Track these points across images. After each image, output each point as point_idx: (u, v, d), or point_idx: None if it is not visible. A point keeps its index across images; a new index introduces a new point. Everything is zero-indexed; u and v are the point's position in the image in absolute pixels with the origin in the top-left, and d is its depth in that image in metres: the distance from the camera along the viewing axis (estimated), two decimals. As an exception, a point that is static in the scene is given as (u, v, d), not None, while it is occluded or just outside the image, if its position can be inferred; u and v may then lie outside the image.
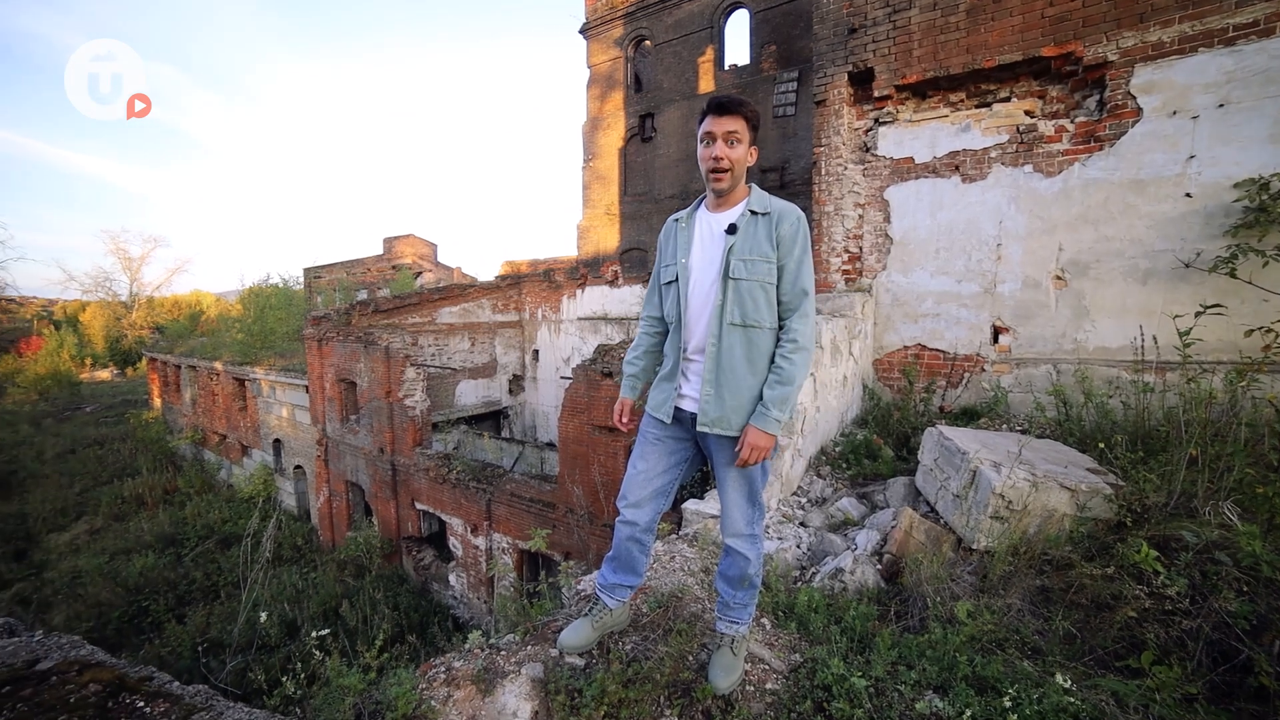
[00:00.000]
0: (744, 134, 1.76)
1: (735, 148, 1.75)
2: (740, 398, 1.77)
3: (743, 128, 1.75)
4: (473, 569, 11.18)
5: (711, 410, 1.78)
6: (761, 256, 1.75)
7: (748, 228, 1.77)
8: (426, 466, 11.20)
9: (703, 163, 1.80)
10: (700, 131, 1.79)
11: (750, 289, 1.75)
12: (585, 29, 15.97)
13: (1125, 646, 2.09)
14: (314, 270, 24.91)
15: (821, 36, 5.58)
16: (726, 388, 1.77)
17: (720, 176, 1.77)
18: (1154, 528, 2.52)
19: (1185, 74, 4.35)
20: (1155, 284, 4.47)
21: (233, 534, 14.20)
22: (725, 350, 1.77)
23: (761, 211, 1.78)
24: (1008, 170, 4.88)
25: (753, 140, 1.79)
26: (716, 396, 1.77)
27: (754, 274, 1.74)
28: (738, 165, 1.77)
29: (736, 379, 1.77)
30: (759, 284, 1.75)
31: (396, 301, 13.29)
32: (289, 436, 14.94)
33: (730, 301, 1.76)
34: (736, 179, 1.79)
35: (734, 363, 1.76)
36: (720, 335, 1.77)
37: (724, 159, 1.75)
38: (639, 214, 16.07)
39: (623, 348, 10.24)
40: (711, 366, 1.78)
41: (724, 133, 1.74)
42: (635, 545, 1.96)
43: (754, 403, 1.78)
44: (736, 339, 1.76)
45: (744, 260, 1.75)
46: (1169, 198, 4.42)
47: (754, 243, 1.76)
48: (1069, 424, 3.85)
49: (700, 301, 1.82)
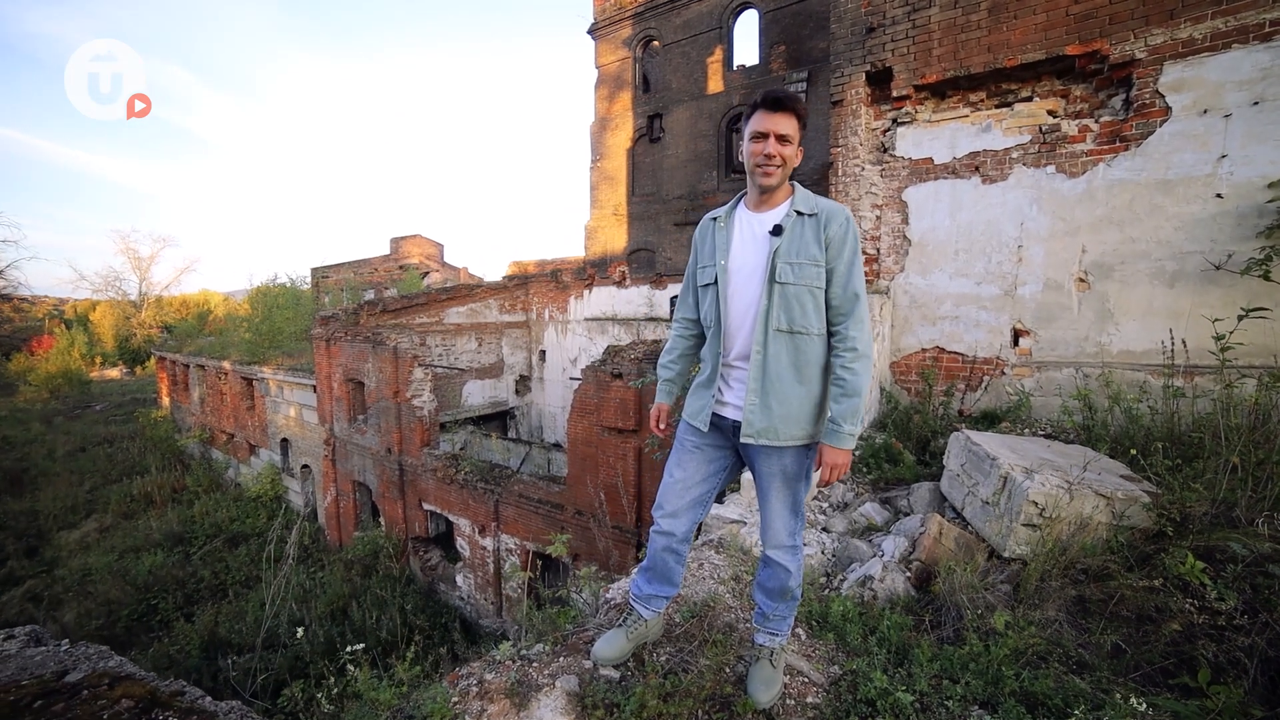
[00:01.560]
0: (795, 133, 1.70)
1: (786, 146, 1.70)
2: (787, 407, 1.70)
3: (794, 127, 1.69)
4: (480, 570, 11.15)
5: (757, 421, 1.71)
6: (809, 260, 1.68)
7: (794, 229, 1.70)
8: (434, 467, 11.19)
9: (750, 158, 1.73)
10: (750, 128, 1.72)
11: (798, 293, 1.68)
12: (594, 29, 15.94)
13: (1175, 663, 2.02)
14: (321, 270, 25.00)
15: (839, 36, 5.52)
16: (773, 396, 1.70)
17: (770, 171, 1.70)
18: (1197, 538, 2.45)
19: (1218, 71, 4.26)
20: (1183, 286, 4.39)
21: (240, 533, 14.23)
22: (771, 358, 1.70)
23: (808, 212, 1.71)
24: (1029, 171, 4.81)
25: (801, 140, 1.73)
26: (762, 406, 1.71)
27: (802, 278, 1.67)
28: (788, 162, 1.71)
29: (783, 388, 1.70)
30: (807, 288, 1.68)
31: (404, 301, 13.29)
32: (296, 436, 14.96)
33: (776, 307, 1.69)
34: (784, 176, 1.73)
35: (780, 371, 1.70)
36: (766, 342, 1.70)
37: (776, 156, 1.69)
38: (647, 214, 16.02)
39: (632, 349, 10.20)
40: (757, 375, 1.71)
41: (778, 133, 1.68)
42: (671, 555, 1.90)
43: (802, 412, 1.71)
44: (783, 346, 1.70)
45: (791, 264, 1.68)
46: (1198, 198, 4.34)
47: (801, 245, 1.69)
48: (1096, 429, 3.77)
49: (742, 306, 1.75)
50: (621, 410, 9.69)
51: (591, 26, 16.04)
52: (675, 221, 15.38)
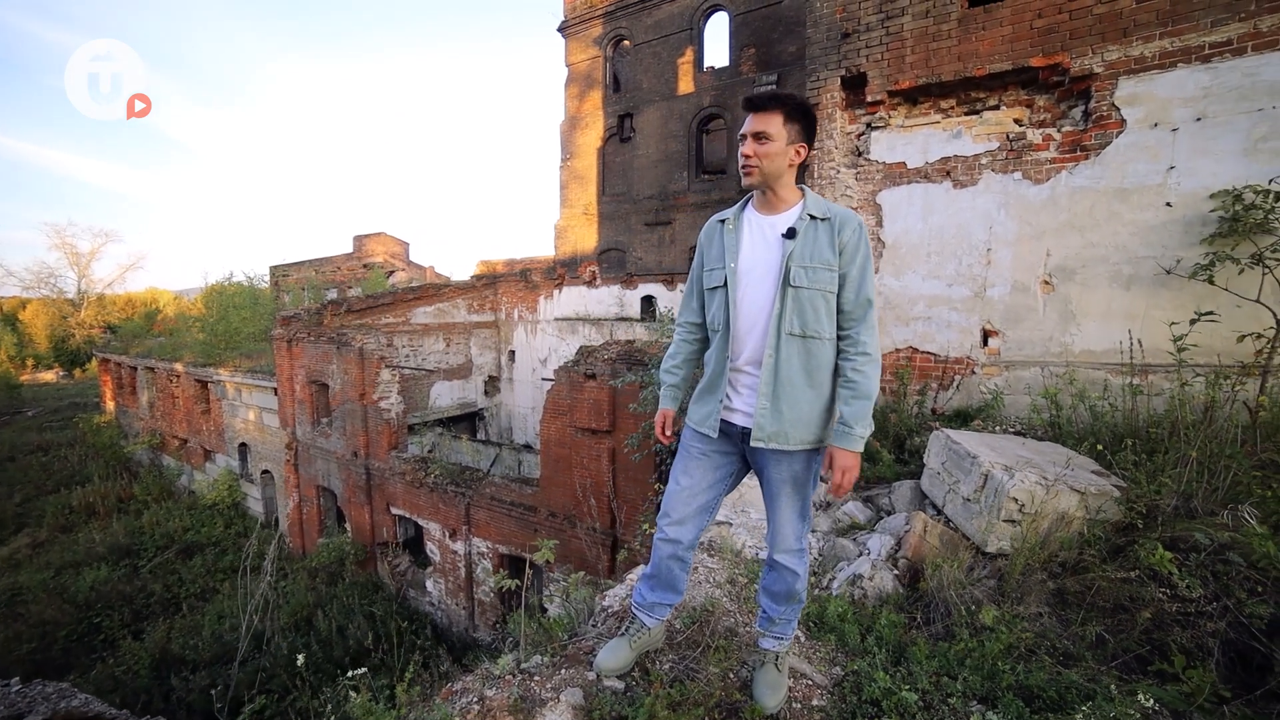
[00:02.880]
0: (779, 131, 1.69)
1: (765, 144, 1.69)
2: (798, 411, 1.71)
3: (778, 125, 1.68)
4: (451, 575, 10.94)
5: (768, 425, 1.71)
6: (823, 264, 1.68)
7: (808, 233, 1.70)
8: (403, 470, 10.92)
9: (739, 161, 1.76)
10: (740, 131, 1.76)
11: (811, 298, 1.68)
12: (564, 27, 15.80)
13: (1150, 650, 2.12)
14: (281, 268, 24.10)
15: (815, 40, 5.61)
16: (784, 401, 1.70)
17: (748, 170, 1.73)
18: (1164, 529, 2.58)
19: (1166, 88, 4.50)
20: (1138, 289, 4.62)
21: (195, 542, 13.57)
22: (783, 362, 1.70)
23: (821, 216, 1.72)
24: (998, 177, 4.98)
25: (797, 135, 1.72)
26: (773, 410, 1.71)
27: (815, 282, 1.68)
28: (765, 161, 1.70)
29: (795, 392, 1.70)
30: (820, 293, 1.68)
31: (370, 301, 12.94)
32: (256, 440, 14.39)
33: (789, 310, 1.69)
34: (766, 175, 1.72)
35: (792, 375, 1.70)
36: (778, 346, 1.69)
37: (751, 155, 1.70)
38: (617, 214, 15.97)
39: (605, 349, 10.16)
40: (769, 379, 1.70)
41: (753, 133, 1.70)
42: (677, 563, 1.88)
43: (812, 416, 1.72)
44: (795, 350, 1.70)
45: (805, 267, 1.68)
46: (1151, 206, 4.57)
47: (815, 249, 1.69)
48: (1064, 426, 3.93)
49: (753, 309, 1.74)
50: (595, 411, 9.65)
51: (562, 24, 15.88)
52: (646, 222, 15.37)
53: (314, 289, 20.61)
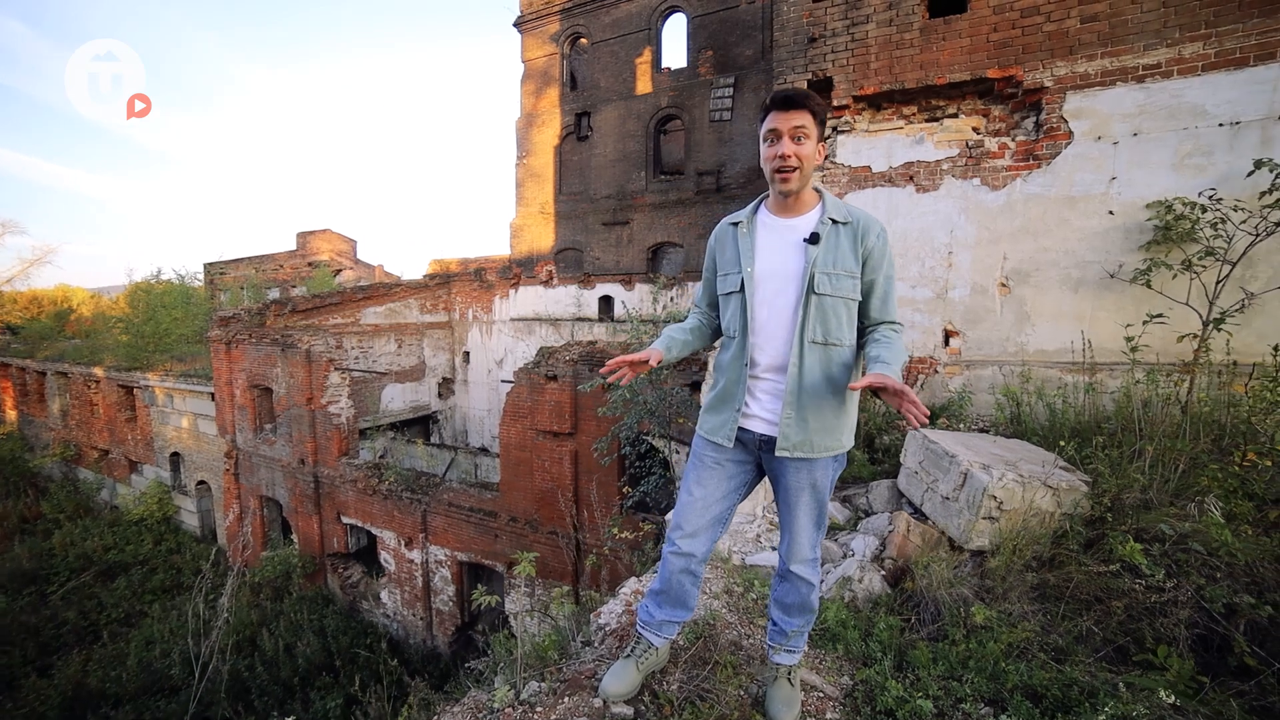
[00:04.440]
0: (811, 129, 1.63)
1: (803, 144, 1.62)
2: (823, 419, 1.66)
3: (810, 122, 1.62)
4: (408, 584, 10.55)
5: (793, 434, 1.66)
6: (846, 271, 1.63)
7: (830, 238, 1.65)
8: (354, 477, 10.44)
9: (767, 162, 1.66)
10: (764, 129, 1.66)
11: (834, 305, 1.63)
12: (520, 22, 15.50)
13: (1129, 640, 2.20)
14: (217, 266, 22.55)
15: (782, 44, 5.67)
16: (809, 410, 1.65)
17: (788, 175, 1.64)
18: (1131, 521, 2.70)
19: (1107, 103, 4.77)
20: (1085, 292, 4.88)
21: (119, 562, 12.49)
22: (807, 370, 1.65)
23: (842, 220, 1.67)
24: (958, 183, 5.16)
25: (821, 135, 1.67)
26: (799, 419, 1.66)
27: (839, 289, 1.63)
28: (806, 163, 1.64)
29: (819, 400, 1.66)
30: (843, 300, 1.64)
31: (316, 301, 12.31)
32: (190, 449, 13.44)
33: (813, 319, 1.64)
34: (805, 178, 1.66)
35: (815, 383, 1.65)
36: (802, 355, 1.64)
37: (791, 156, 1.62)
38: (575, 213, 15.81)
39: (566, 350, 10.00)
40: (793, 388, 1.65)
41: (790, 129, 1.61)
42: (689, 578, 1.81)
43: (835, 423, 1.68)
44: (817, 358, 1.65)
45: (829, 274, 1.63)
46: (1096, 214, 4.83)
47: (838, 255, 1.64)
48: (1026, 422, 4.10)
49: (774, 316, 1.69)
50: (557, 413, 9.49)
51: (518, 19, 15.57)
52: (604, 221, 15.28)
53: (254, 288, 19.43)
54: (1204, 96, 4.52)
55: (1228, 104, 4.47)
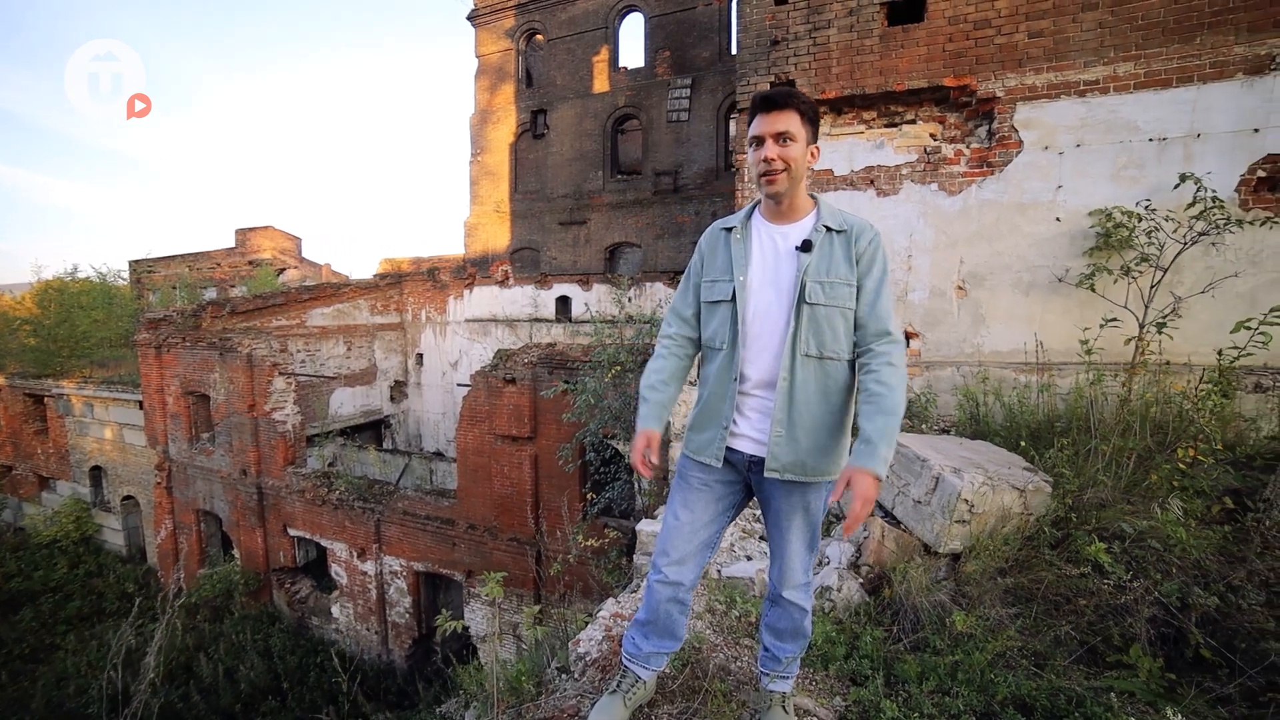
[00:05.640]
0: (799, 131, 1.54)
1: (789, 146, 1.54)
2: (816, 439, 1.58)
3: (797, 124, 1.54)
4: (361, 598, 10.11)
5: (784, 455, 1.57)
6: (841, 279, 1.56)
7: (824, 245, 1.58)
8: (302, 488, 9.91)
9: (753, 166, 1.59)
10: (749, 134, 1.59)
11: (829, 315, 1.56)
12: (474, 16, 15.09)
13: (1101, 640, 2.26)
14: (145, 264, 20.95)
15: (745, 45, 5.67)
16: (801, 428, 1.57)
17: (774, 177, 1.55)
18: (1095, 520, 2.79)
19: (1053, 115, 4.98)
20: (1035, 295, 5.07)
21: (24, 591, 11.34)
22: (799, 386, 1.56)
23: (837, 228, 1.60)
24: (917, 187, 5.28)
25: (811, 137, 1.58)
26: (789, 438, 1.57)
27: (834, 299, 1.55)
28: (794, 165, 1.55)
29: (812, 418, 1.57)
30: (839, 310, 1.56)
31: (258, 302, 11.63)
32: (115, 463, 12.48)
33: (805, 330, 1.56)
34: (794, 180, 1.57)
35: (809, 399, 1.56)
36: (793, 369, 1.56)
37: (776, 159, 1.54)
38: (531, 212, 15.53)
39: (525, 352, 9.78)
40: (784, 404, 1.56)
41: (774, 133, 1.53)
42: (677, 607, 1.71)
43: (830, 444, 1.60)
44: (811, 373, 1.57)
45: (822, 283, 1.55)
46: (1044, 220, 5.03)
47: (832, 263, 1.57)
48: (987, 421, 4.22)
49: (765, 328, 1.60)
50: (516, 417, 9.28)
51: (472, 13, 15.14)
52: (561, 220, 15.07)
53: (188, 288, 18.18)
54: (1136, 113, 4.77)
55: (1156, 121, 4.74)
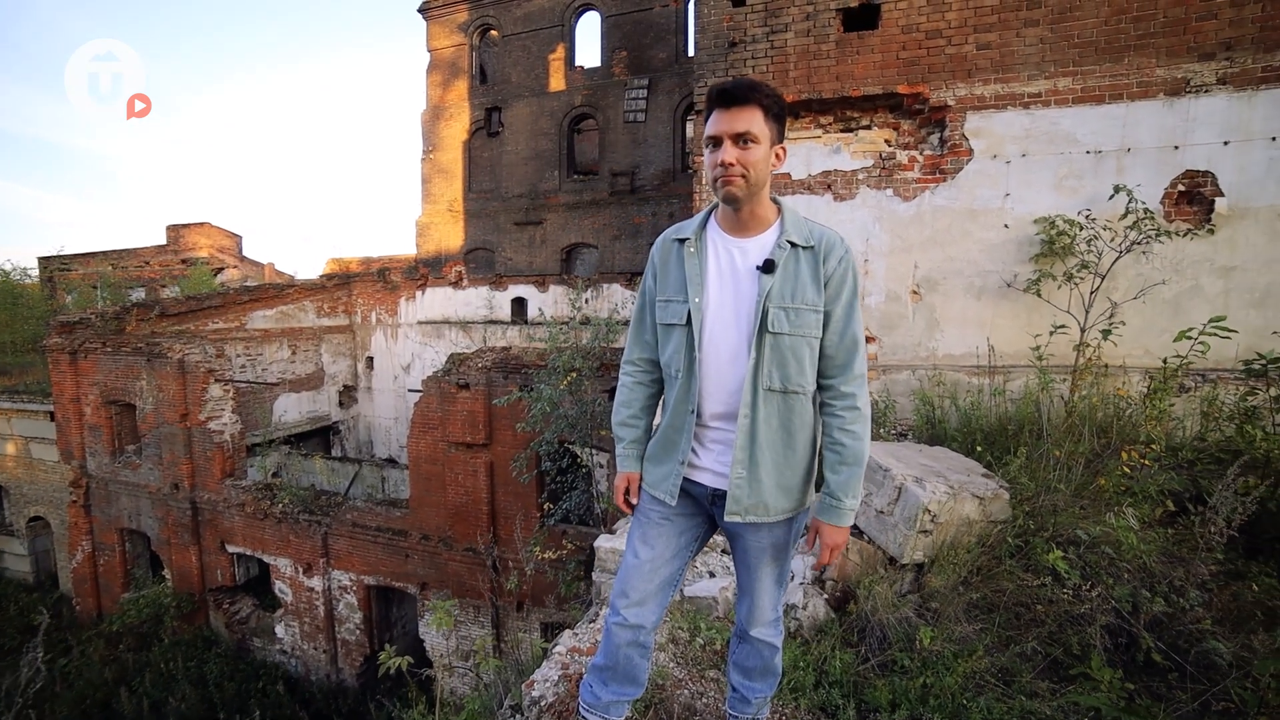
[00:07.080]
0: (761, 130, 1.35)
1: (750, 149, 1.34)
2: (779, 477, 1.45)
3: (760, 122, 1.34)
4: (308, 615, 9.59)
5: (745, 497, 1.44)
6: (808, 305, 1.39)
7: (788, 265, 1.40)
8: (241, 501, 9.33)
9: (709, 170, 1.39)
10: (706, 133, 1.38)
11: (794, 345, 1.39)
12: (425, 9, 14.61)
13: (1062, 650, 2.26)
14: (59, 260, 19.34)
15: (702, 46, 5.60)
16: (763, 468, 1.43)
17: (731, 180, 1.35)
18: (1052, 527, 2.81)
19: (1001, 125, 5.11)
20: (986, 299, 5.19)
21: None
22: (761, 422, 1.42)
23: (803, 244, 1.41)
24: (873, 193, 5.33)
25: (777, 136, 1.39)
26: (750, 479, 1.43)
27: (798, 327, 1.39)
28: (755, 170, 1.36)
29: (775, 455, 1.44)
30: (804, 339, 1.40)
31: (192, 303, 10.89)
32: (19, 480, 11.47)
33: (768, 362, 1.40)
34: (755, 187, 1.38)
35: (771, 437, 1.43)
36: (754, 404, 1.41)
37: (734, 164, 1.34)
38: (485, 212, 15.15)
39: (479, 356, 9.49)
40: (745, 443, 1.42)
41: (733, 134, 1.34)
42: (638, 651, 1.58)
43: (794, 481, 1.47)
44: (774, 408, 1.42)
45: (786, 309, 1.38)
46: (994, 226, 5.15)
47: (797, 286, 1.39)
48: (943, 425, 4.26)
49: (723, 356, 1.44)
50: (470, 423, 8.99)
51: (423, 5, 14.64)
52: (516, 221, 14.75)
53: (111, 288, 16.88)
54: (1075, 126, 4.94)
55: (1092, 134, 4.91)
